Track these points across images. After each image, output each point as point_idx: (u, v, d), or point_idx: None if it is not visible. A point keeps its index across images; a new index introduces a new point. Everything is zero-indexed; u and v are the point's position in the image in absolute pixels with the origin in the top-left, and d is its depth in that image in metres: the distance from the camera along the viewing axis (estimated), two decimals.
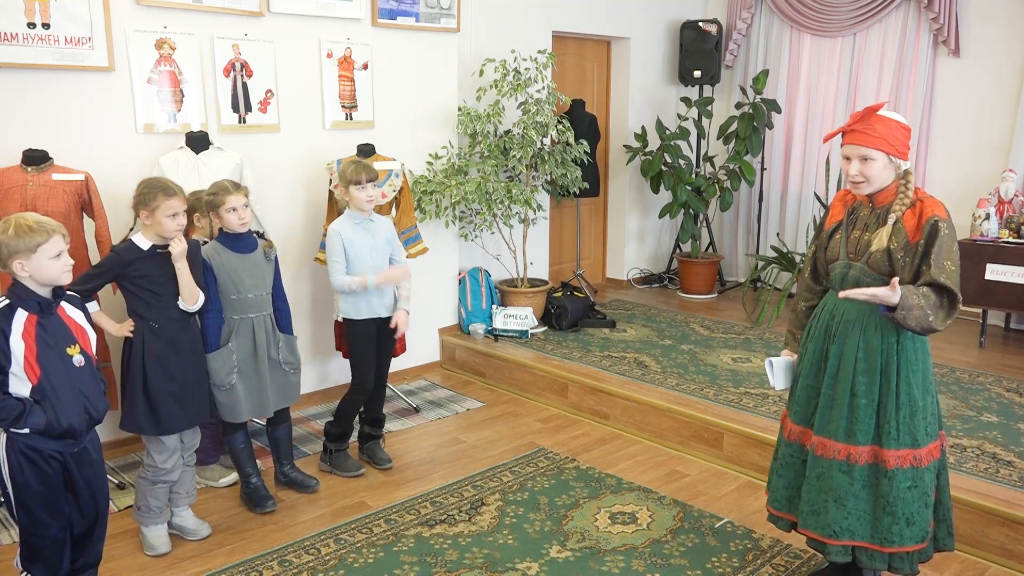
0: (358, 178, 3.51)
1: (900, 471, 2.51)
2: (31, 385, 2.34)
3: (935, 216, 2.41)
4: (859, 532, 2.57)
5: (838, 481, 2.56)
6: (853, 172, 2.50)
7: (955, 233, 2.44)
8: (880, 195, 2.54)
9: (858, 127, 2.47)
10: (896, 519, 2.52)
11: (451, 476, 3.79)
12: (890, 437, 2.51)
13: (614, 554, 3.10)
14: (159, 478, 3.09)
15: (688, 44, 6.85)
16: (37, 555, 2.48)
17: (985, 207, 5.39)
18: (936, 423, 2.61)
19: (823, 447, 2.60)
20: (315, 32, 4.53)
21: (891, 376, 2.52)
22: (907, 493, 2.52)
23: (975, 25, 5.84)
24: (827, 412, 2.61)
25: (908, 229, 2.44)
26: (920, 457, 2.53)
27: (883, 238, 2.47)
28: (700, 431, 4.03)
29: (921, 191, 2.52)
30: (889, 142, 2.44)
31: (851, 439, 2.55)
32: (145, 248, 2.98)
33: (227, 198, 3.21)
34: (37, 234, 2.33)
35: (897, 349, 2.51)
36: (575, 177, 5.57)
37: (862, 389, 2.54)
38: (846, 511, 2.56)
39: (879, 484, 2.54)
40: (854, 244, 2.59)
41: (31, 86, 3.63)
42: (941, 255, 2.38)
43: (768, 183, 6.98)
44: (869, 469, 2.55)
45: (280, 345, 3.42)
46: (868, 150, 2.45)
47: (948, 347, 5.30)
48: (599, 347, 5.21)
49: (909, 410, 2.52)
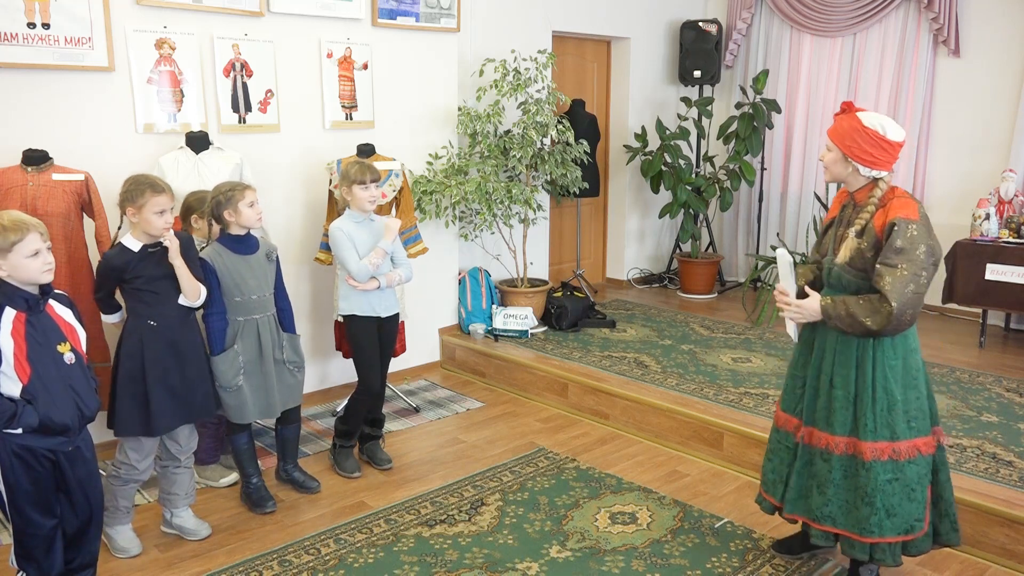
0: (362, 178, 3.51)
1: (878, 463, 2.57)
2: (22, 385, 2.33)
3: (898, 217, 2.47)
4: (840, 520, 2.67)
5: (820, 469, 2.69)
6: (820, 156, 2.69)
7: (924, 235, 2.46)
8: (858, 194, 2.64)
9: (836, 117, 2.62)
10: (875, 510, 2.57)
11: (451, 476, 3.79)
12: (867, 429, 2.58)
13: (614, 554, 3.10)
14: (132, 477, 3.07)
15: (688, 44, 6.85)
16: (30, 554, 2.48)
17: (985, 207, 5.39)
18: (925, 419, 2.63)
19: (810, 436, 2.73)
20: (315, 32, 4.54)
21: (867, 369, 2.58)
22: (887, 485, 2.57)
23: (975, 25, 5.84)
24: (812, 402, 2.73)
25: (877, 228, 2.52)
26: (900, 451, 2.58)
27: (845, 252, 2.59)
28: (700, 431, 4.03)
29: (900, 190, 2.58)
30: (846, 142, 2.54)
31: (830, 429, 2.66)
32: (136, 249, 2.93)
33: (246, 192, 3.22)
34: (11, 232, 2.30)
35: (873, 343, 2.57)
36: (575, 177, 5.57)
37: (839, 380, 2.63)
38: (827, 498, 2.67)
39: (857, 475, 2.61)
40: (839, 240, 2.68)
41: (31, 86, 3.63)
42: (893, 256, 2.45)
43: (768, 183, 6.98)
44: (848, 460, 2.64)
45: (284, 345, 3.42)
46: (829, 140, 2.61)
47: (948, 347, 5.30)
48: (599, 347, 5.22)
49: (886, 403, 2.57)
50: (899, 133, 2.52)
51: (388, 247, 3.57)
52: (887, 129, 2.51)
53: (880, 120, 2.53)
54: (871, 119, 2.53)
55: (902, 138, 2.53)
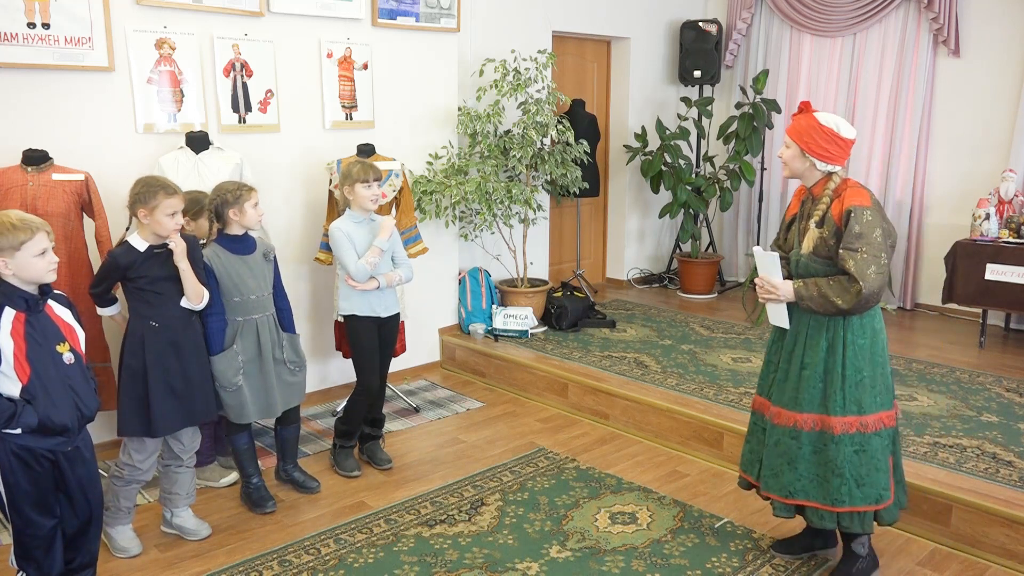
0: (366, 177, 3.52)
1: (847, 436, 2.74)
2: (21, 385, 2.33)
3: (852, 205, 2.65)
4: (812, 493, 2.81)
5: (788, 446, 2.83)
6: (779, 153, 2.85)
7: (879, 219, 2.66)
8: (814, 188, 2.81)
9: (794, 117, 2.80)
10: (844, 480, 2.73)
11: (451, 476, 3.79)
12: (836, 405, 2.74)
13: (614, 554, 3.10)
14: (135, 478, 3.08)
15: (688, 44, 6.85)
16: (30, 554, 2.48)
17: (985, 207, 5.39)
18: (888, 394, 2.81)
19: (778, 416, 2.87)
20: (315, 32, 4.54)
21: (837, 349, 2.74)
22: (854, 457, 2.74)
23: (975, 25, 5.84)
24: (782, 384, 2.87)
25: (835, 216, 2.70)
26: (867, 424, 2.74)
27: (808, 242, 2.76)
28: (700, 431, 4.03)
29: (852, 181, 2.76)
30: (803, 138, 2.72)
31: (798, 407, 2.80)
32: (142, 249, 2.96)
33: (251, 193, 3.25)
34: (21, 232, 2.32)
35: (844, 324, 2.74)
36: (575, 177, 5.57)
37: (808, 361, 2.78)
38: (798, 473, 2.81)
39: (827, 449, 2.76)
40: (802, 233, 2.85)
41: (31, 86, 3.63)
42: (854, 241, 2.62)
43: (768, 183, 6.98)
44: (816, 436, 2.79)
45: (284, 344, 3.43)
46: (786, 136, 2.79)
47: (948, 347, 5.30)
48: (599, 347, 5.22)
49: (855, 380, 2.73)
50: (851, 132, 2.73)
51: (384, 245, 3.57)
52: (840, 127, 2.70)
53: (835, 119, 2.72)
54: (827, 118, 2.71)
55: (854, 136, 2.74)
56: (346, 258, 3.54)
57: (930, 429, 3.88)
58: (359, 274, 3.54)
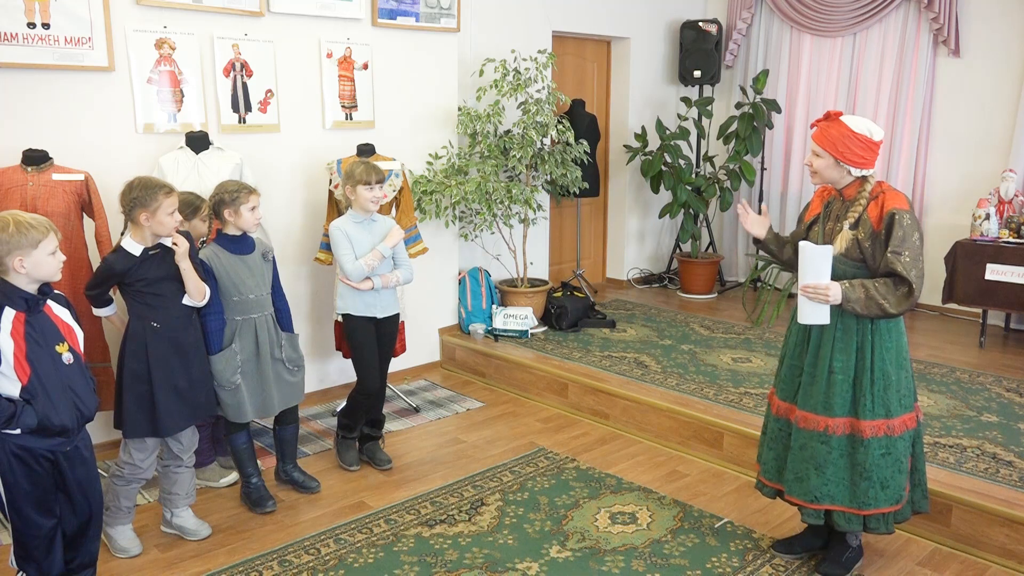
0: (368, 178, 3.53)
1: (875, 440, 2.74)
2: (21, 385, 2.33)
3: (894, 208, 2.66)
4: (839, 497, 2.81)
5: (817, 451, 2.80)
6: (806, 162, 2.83)
7: (916, 223, 2.67)
8: (846, 190, 2.80)
9: (820, 125, 2.77)
10: (872, 483, 2.75)
11: (451, 476, 3.79)
12: (865, 409, 2.74)
13: (614, 554, 3.10)
14: (136, 477, 3.08)
15: (688, 44, 6.85)
16: (30, 554, 2.48)
17: (985, 207, 5.39)
18: (911, 396, 2.82)
19: (805, 420, 2.84)
20: (315, 32, 4.54)
21: (866, 353, 2.75)
22: (881, 459, 2.75)
23: (975, 25, 5.84)
24: (808, 388, 2.84)
25: (872, 219, 2.70)
26: (893, 427, 2.76)
27: (841, 243, 2.75)
28: (700, 431, 4.03)
29: (885, 184, 2.76)
30: (837, 148, 2.70)
31: (828, 412, 2.78)
32: (137, 253, 2.95)
33: (250, 196, 3.25)
34: (37, 231, 2.36)
35: (872, 328, 2.74)
36: (575, 177, 5.57)
37: (839, 365, 2.77)
38: (826, 478, 2.80)
39: (856, 452, 2.77)
40: (829, 234, 2.84)
41: (31, 86, 3.63)
42: (899, 244, 2.63)
43: (768, 183, 6.98)
44: (847, 439, 2.78)
45: (283, 344, 3.43)
46: (817, 147, 2.76)
47: (948, 347, 5.30)
48: (599, 347, 5.21)
49: (883, 384, 2.74)
50: (881, 132, 2.72)
51: (387, 252, 3.58)
52: (873, 132, 2.70)
53: (866, 124, 2.71)
54: (858, 124, 2.70)
55: (882, 137, 2.74)
56: (343, 257, 3.54)
57: (930, 429, 3.87)
58: (354, 273, 3.54)
